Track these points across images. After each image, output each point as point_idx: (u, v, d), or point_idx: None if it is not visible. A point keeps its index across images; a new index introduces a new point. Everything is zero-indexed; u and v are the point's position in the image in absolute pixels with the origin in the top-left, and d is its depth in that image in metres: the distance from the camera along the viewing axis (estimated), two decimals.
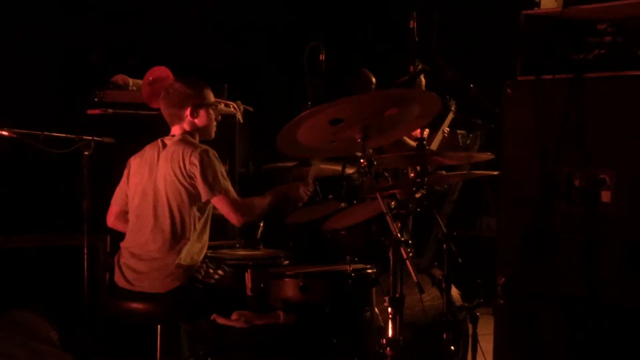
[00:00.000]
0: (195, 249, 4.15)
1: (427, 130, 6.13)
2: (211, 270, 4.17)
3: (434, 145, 6.13)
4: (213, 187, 4.06)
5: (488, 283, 4.98)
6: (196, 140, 4.27)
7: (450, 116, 6.34)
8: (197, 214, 4.15)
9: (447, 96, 6.35)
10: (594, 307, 3.86)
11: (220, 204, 4.12)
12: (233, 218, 4.12)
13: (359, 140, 3.56)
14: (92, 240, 4.92)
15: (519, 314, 4.11)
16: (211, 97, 4.35)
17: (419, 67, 5.89)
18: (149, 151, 4.29)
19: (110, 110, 5.19)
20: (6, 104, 5.56)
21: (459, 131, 6.36)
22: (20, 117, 4.79)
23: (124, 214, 4.38)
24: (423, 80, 5.96)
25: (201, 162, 4.07)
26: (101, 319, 4.90)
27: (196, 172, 4.06)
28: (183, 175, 4.09)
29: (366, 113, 3.53)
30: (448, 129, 6.32)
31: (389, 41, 6.43)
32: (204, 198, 4.09)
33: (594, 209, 3.79)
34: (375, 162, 3.64)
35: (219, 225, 4.45)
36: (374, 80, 5.98)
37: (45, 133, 4.62)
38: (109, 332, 4.85)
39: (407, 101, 3.56)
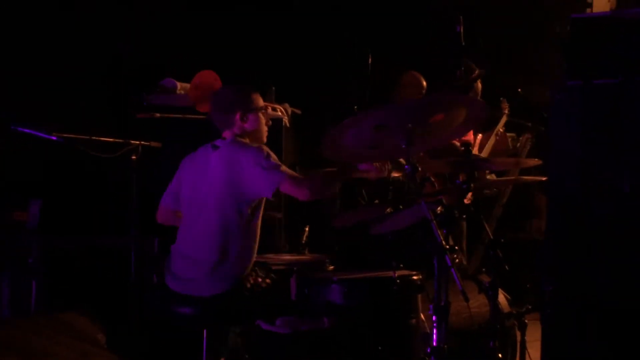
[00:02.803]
0: (245, 253, 4.15)
1: (480, 135, 6.08)
2: (260, 279, 4.17)
3: (487, 149, 6.07)
4: (273, 178, 4.03)
5: (537, 288, 4.92)
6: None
7: (504, 119, 6.28)
8: (250, 217, 4.14)
9: (501, 98, 6.29)
10: None
11: (285, 189, 4.06)
12: (300, 194, 4.06)
13: (403, 146, 3.53)
14: (140, 243, 4.94)
15: (567, 321, 4.04)
16: (260, 102, 4.34)
17: (476, 72, 5.86)
18: (201, 154, 4.31)
19: (157, 114, 5.21)
20: (55, 109, 5.62)
21: (508, 134, 6.30)
22: (70, 121, 4.83)
23: (173, 213, 4.40)
24: (480, 85, 5.92)
25: (257, 158, 4.06)
26: (148, 321, 4.93)
27: (253, 169, 4.05)
28: (238, 176, 4.08)
29: (411, 119, 3.49)
30: (502, 130, 6.26)
31: (435, 44, 6.39)
32: (266, 193, 4.06)
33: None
34: (419, 168, 3.61)
35: (266, 229, 4.44)
36: (424, 83, 5.94)
37: (94, 137, 4.65)
38: (155, 334, 4.88)
39: (453, 107, 3.53)
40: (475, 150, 5.96)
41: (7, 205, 5.34)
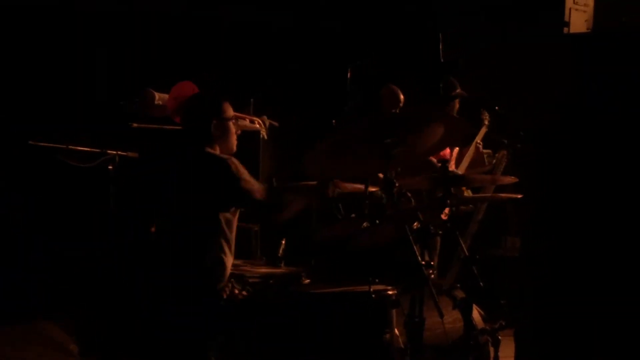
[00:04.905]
0: (218, 262, 4.14)
1: (456, 148, 6.10)
2: (236, 291, 4.16)
3: (466, 161, 6.08)
4: (241, 194, 4.07)
5: (511, 304, 4.94)
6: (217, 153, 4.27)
7: (483, 130, 6.29)
8: (223, 228, 4.15)
9: (481, 109, 6.30)
10: (617, 333, 3.81)
11: (252, 205, 4.15)
12: (260, 196, 4.14)
13: (381, 161, 3.55)
14: (119, 252, 4.92)
15: (540, 338, 4.07)
16: (231, 111, 4.35)
17: (457, 90, 5.90)
18: (169, 163, 4.30)
19: (135, 124, 5.19)
20: (34, 116, 5.60)
21: (484, 151, 6.32)
22: (49, 129, 4.82)
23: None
24: (457, 104, 5.94)
25: (229, 171, 4.07)
26: (122, 332, 4.91)
27: (226, 182, 4.06)
28: (210, 188, 4.09)
29: (388, 134, 3.52)
30: (481, 143, 6.27)
31: (414, 60, 6.45)
32: (240, 205, 4.09)
33: (620, 237, 3.75)
34: (396, 184, 3.63)
35: (241, 241, 4.44)
36: (401, 97, 5.97)
37: (70, 146, 4.64)
38: (130, 346, 4.86)
39: (430, 123, 3.55)
40: (452, 163, 5.97)
41: None
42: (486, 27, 7.01)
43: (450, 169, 4.84)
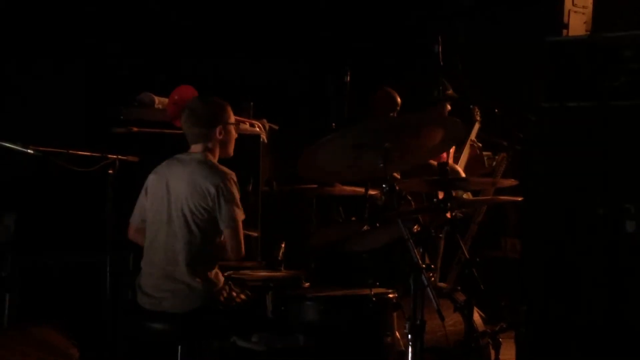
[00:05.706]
0: (213, 267, 4.14)
1: (453, 147, 6.10)
2: (234, 294, 4.16)
3: (463, 159, 6.09)
4: (228, 216, 4.07)
5: (512, 306, 4.94)
6: (216, 159, 4.26)
7: (477, 126, 6.29)
8: (215, 232, 4.15)
9: (471, 105, 6.30)
10: (618, 336, 3.81)
11: (229, 236, 4.12)
12: (235, 253, 4.13)
13: (380, 164, 3.55)
14: (115, 258, 4.91)
15: (540, 340, 4.07)
16: (233, 116, 4.37)
17: (449, 91, 5.90)
18: (166, 169, 4.29)
19: (135, 129, 5.18)
20: (32, 122, 5.60)
21: (484, 153, 6.32)
22: (47, 135, 4.80)
23: (143, 229, 4.38)
24: (448, 106, 5.94)
25: (222, 187, 4.07)
26: (122, 337, 4.90)
27: (215, 197, 4.07)
28: (201, 196, 4.09)
29: (388, 137, 3.52)
30: (475, 140, 6.27)
31: (415, 64, 6.44)
32: (219, 224, 4.10)
33: (618, 239, 3.75)
34: (396, 187, 3.63)
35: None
36: (399, 100, 5.96)
37: (70, 151, 4.62)
38: (130, 351, 4.85)
39: (430, 126, 3.56)
40: (450, 162, 5.97)
41: None
42: (483, 28, 7.02)
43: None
